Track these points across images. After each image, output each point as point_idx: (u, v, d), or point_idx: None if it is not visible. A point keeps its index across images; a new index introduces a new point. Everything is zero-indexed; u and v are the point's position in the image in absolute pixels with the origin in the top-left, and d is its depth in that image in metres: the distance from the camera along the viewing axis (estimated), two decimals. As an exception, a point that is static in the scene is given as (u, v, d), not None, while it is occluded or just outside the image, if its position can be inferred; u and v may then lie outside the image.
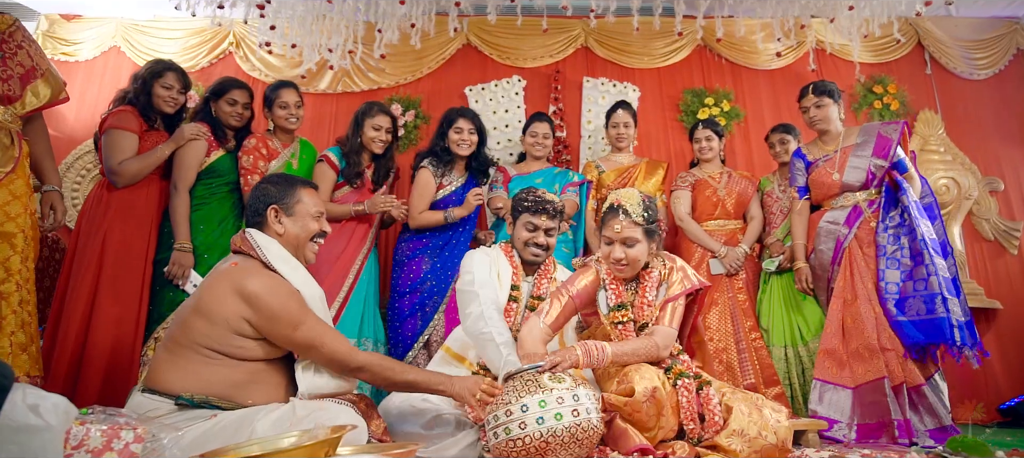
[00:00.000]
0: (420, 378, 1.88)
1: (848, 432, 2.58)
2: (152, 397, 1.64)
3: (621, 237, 2.04)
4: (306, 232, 1.91)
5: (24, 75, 2.35)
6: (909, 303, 2.65)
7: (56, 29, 4.27)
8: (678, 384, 1.92)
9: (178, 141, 2.74)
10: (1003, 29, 4.32)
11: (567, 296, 2.09)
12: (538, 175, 3.30)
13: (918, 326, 2.62)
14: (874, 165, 2.83)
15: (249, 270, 1.75)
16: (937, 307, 2.56)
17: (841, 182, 2.89)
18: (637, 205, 2.06)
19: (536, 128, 3.35)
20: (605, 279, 2.13)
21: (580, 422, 1.69)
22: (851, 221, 2.86)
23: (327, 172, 2.94)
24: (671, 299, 2.07)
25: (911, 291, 2.67)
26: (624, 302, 2.09)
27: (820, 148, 3.03)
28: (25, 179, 2.31)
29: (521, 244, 2.38)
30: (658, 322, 2.05)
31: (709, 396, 1.89)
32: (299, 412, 1.55)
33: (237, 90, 2.95)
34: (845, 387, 2.65)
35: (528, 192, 2.42)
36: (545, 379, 1.75)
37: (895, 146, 2.82)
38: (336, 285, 2.80)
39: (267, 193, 1.88)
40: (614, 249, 2.05)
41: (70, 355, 2.39)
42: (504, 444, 1.69)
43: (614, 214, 2.07)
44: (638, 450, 1.77)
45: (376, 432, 1.81)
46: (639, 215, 2.05)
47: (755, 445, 1.78)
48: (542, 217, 2.35)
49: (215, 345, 1.68)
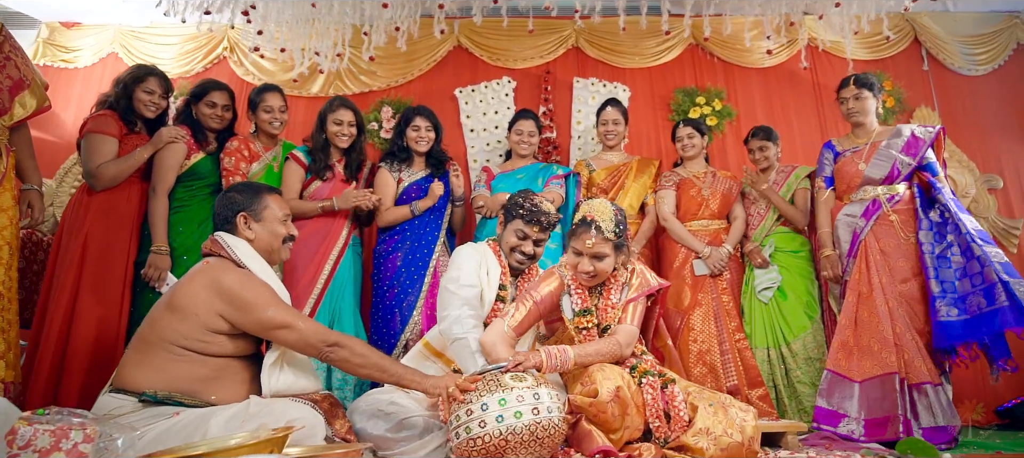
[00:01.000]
0: (395, 369, 1.88)
1: (856, 427, 2.56)
2: (117, 396, 1.68)
3: (591, 252, 2.04)
4: (276, 236, 1.98)
5: (13, 87, 2.38)
6: (970, 299, 2.54)
7: (56, 37, 4.35)
8: (643, 382, 1.92)
9: (156, 144, 2.75)
10: (1003, 23, 4.24)
11: (532, 301, 2.09)
12: (520, 172, 3.30)
13: (969, 324, 2.51)
14: (900, 161, 2.81)
15: (223, 266, 1.82)
16: (998, 296, 2.43)
17: (864, 173, 2.88)
18: (610, 220, 2.06)
19: (521, 126, 3.35)
20: (570, 285, 2.13)
21: (540, 420, 1.68)
22: (869, 214, 2.83)
23: (295, 170, 2.97)
24: (631, 300, 2.08)
25: (969, 288, 2.56)
26: (588, 307, 2.09)
27: (851, 141, 3.03)
28: (12, 192, 2.36)
29: (508, 248, 2.37)
30: (620, 322, 2.06)
31: (674, 394, 1.90)
32: (252, 409, 1.57)
33: (216, 92, 2.96)
34: (853, 380, 2.63)
35: (526, 197, 2.37)
36: (506, 379, 1.75)
37: (926, 148, 2.80)
38: (310, 284, 2.81)
39: (234, 201, 1.93)
40: (582, 262, 2.05)
41: (52, 356, 2.42)
42: (465, 443, 1.70)
43: (586, 228, 2.05)
44: (600, 452, 1.77)
45: (340, 432, 1.82)
46: (611, 231, 2.04)
47: (721, 443, 1.78)
48: (534, 228, 2.33)
49: (184, 342, 1.71)
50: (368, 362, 1.81)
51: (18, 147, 2.44)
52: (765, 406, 2.93)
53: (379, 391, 2.13)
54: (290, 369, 1.83)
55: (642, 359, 2.04)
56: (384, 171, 3.10)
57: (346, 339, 1.83)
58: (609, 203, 2.15)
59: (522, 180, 3.23)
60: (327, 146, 3.02)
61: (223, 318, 1.74)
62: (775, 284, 3.11)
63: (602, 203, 2.13)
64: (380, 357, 1.86)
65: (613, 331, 2.04)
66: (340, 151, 3.07)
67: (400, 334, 2.83)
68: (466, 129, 4.06)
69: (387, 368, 1.84)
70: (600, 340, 2.02)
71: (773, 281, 3.12)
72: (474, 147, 4.02)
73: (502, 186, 3.21)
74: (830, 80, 4.22)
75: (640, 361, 2.02)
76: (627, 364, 2.01)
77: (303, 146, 3.08)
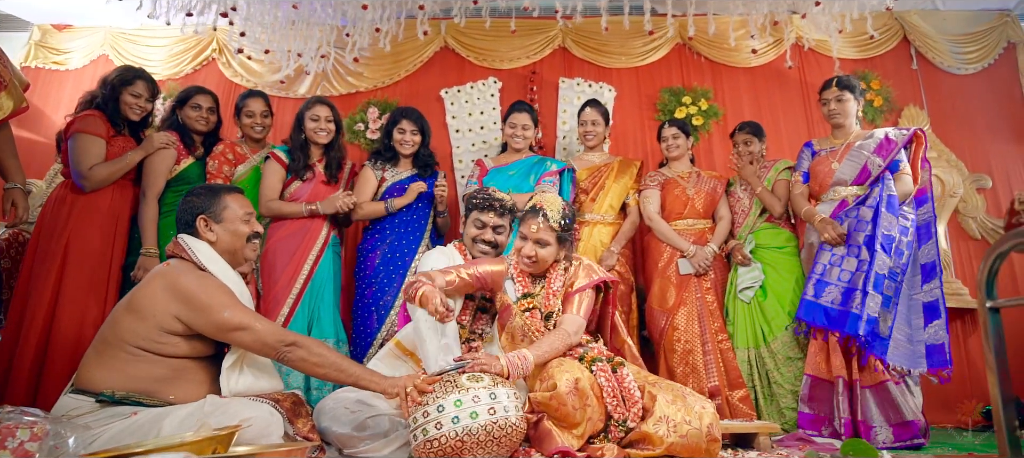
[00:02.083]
0: (353, 369, 1.86)
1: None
2: (76, 397, 1.69)
3: (535, 237, 2.14)
4: (238, 236, 1.96)
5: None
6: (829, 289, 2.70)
7: (48, 39, 4.40)
8: (594, 369, 1.96)
9: (148, 149, 2.78)
10: (993, 21, 4.20)
11: (470, 272, 2.16)
12: (512, 167, 3.28)
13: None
14: (871, 162, 2.82)
15: (182, 269, 1.82)
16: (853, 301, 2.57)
17: (835, 173, 2.90)
18: (557, 212, 2.15)
19: (515, 118, 3.31)
20: (513, 273, 2.21)
21: (496, 420, 1.69)
22: (836, 215, 2.85)
23: (275, 168, 2.98)
24: (578, 290, 2.14)
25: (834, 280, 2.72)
26: (530, 292, 2.17)
27: (829, 141, 3.07)
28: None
29: (470, 241, 2.42)
30: (565, 312, 2.12)
31: (623, 376, 1.95)
32: (207, 408, 1.58)
33: (200, 95, 3.00)
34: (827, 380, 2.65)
35: (478, 190, 2.48)
36: (463, 379, 1.76)
37: (899, 149, 2.81)
38: (289, 285, 2.82)
39: (193, 204, 1.94)
40: (526, 246, 2.15)
41: (32, 358, 2.44)
42: (422, 445, 1.71)
43: (534, 215, 2.15)
44: (559, 452, 1.77)
45: (302, 430, 1.83)
46: (556, 221, 2.14)
47: (680, 430, 1.79)
48: (490, 214, 2.41)
49: (141, 342, 1.72)
50: (325, 362, 1.80)
51: (0, 148, 2.46)
52: (745, 408, 2.92)
53: (346, 390, 2.13)
54: (250, 370, 1.83)
55: (589, 347, 2.09)
56: (367, 168, 3.13)
57: (303, 339, 1.82)
58: (560, 198, 2.25)
59: (514, 176, 3.21)
60: (306, 145, 3.03)
61: (178, 320, 1.74)
62: (756, 284, 3.08)
63: (553, 197, 2.23)
64: (338, 357, 1.86)
65: (559, 322, 2.10)
66: (321, 150, 3.07)
67: (376, 333, 2.85)
68: (452, 130, 4.06)
69: (345, 369, 1.83)
70: (550, 335, 2.04)
71: (754, 281, 3.09)
72: (459, 147, 4.03)
73: (494, 183, 3.17)
74: (817, 79, 4.18)
75: (587, 349, 2.07)
76: (575, 353, 2.04)
77: (284, 145, 3.09)
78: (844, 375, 2.56)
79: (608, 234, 3.29)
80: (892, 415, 2.50)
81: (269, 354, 1.79)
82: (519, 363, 1.91)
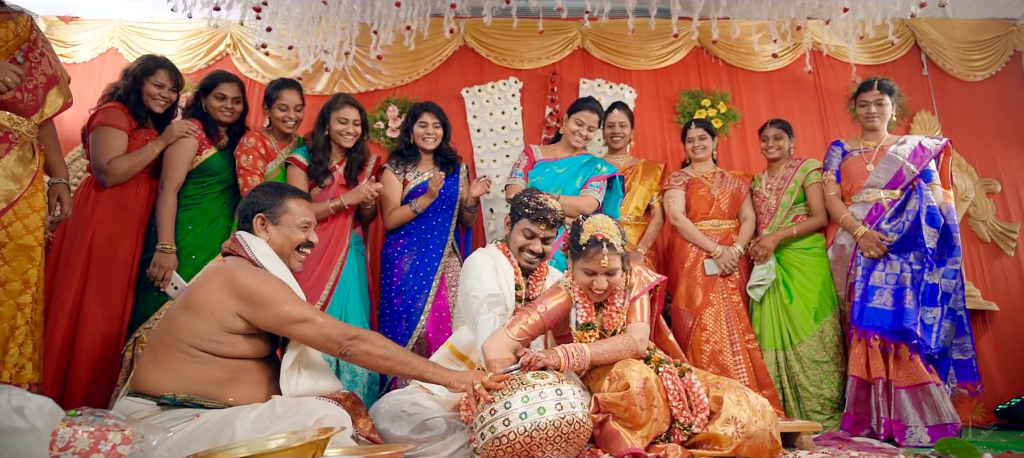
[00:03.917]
0: (418, 363, 1.83)
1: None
2: (136, 400, 1.65)
3: (607, 269, 2.02)
4: (290, 242, 1.94)
5: (46, 84, 2.30)
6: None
7: (54, 31, 4.27)
8: (660, 371, 1.96)
9: (167, 138, 2.67)
10: (1000, 30, 4.31)
11: (538, 314, 2.09)
12: (562, 163, 3.17)
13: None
14: (907, 168, 2.87)
15: (239, 265, 1.80)
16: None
17: (870, 175, 2.94)
18: (617, 235, 2.07)
19: (583, 116, 3.14)
20: (577, 301, 2.12)
21: (564, 416, 1.67)
22: (872, 218, 2.90)
23: (298, 174, 2.85)
24: (636, 298, 2.12)
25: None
26: (591, 321, 2.09)
27: (861, 142, 3.10)
28: (42, 190, 2.29)
29: (516, 248, 2.38)
30: (629, 321, 2.09)
31: (691, 382, 1.94)
32: (278, 409, 1.55)
33: (226, 84, 2.85)
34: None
35: (531, 196, 2.38)
36: (528, 377, 1.75)
37: (930, 158, 2.87)
38: (318, 286, 2.72)
39: (256, 201, 1.93)
40: (597, 280, 2.03)
41: (58, 356, 2.37)
42: (491, 443, 1.69)
43: (598, 247, 2.02)
44: (630, 453, 1.77)
45: (364, 431, 1.81)
46: (619, 244, 2.06)
47: (748, 430, 1.81)
48: (541, 226, 2.34)
49: (200, 343, 1.68)
50: (390, 355, 1.76)
51: (45, 142, 2.38)
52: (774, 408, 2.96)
53: (400, 392, 2.12)
54: (308, 372, 1.80)
55: (654, 350, 2.09)
56: (389, 172, 3.02)
57: (366, 333, 1.79)
58: (608, 217, 2.16)
59: (562, 175, 3.12)
60: (329, 146, 2.90)
61: (240, 317, 1.71)
62: (765, 281, 3.11)
63: (603, 219, 2.12)
64: (403, 351, 1.84)
65: (625, 329, 2.07)
66: (342, 152, 2.95)
67: (407, 340, 2.79)
68: (473, 129, 4.05)
69: (411, 361, 1.80)
70: (615, 338, 2.03)
71: (763, 279, 3.11)
72: (480, 147, 4.02)
73: (540, 175, 3.11)
74: (832, 84, 4.28)
75: (653, 352, 2.07)
76: (641, 355, 2.04)
77: (302, 147, 2.95)
78: (883, 376, 2.61)
79: (634, 236, 3.31)
80: (931, 416, 2.55)
81: (331, 348, 1.73)
82: (575, 354, 1.91)
